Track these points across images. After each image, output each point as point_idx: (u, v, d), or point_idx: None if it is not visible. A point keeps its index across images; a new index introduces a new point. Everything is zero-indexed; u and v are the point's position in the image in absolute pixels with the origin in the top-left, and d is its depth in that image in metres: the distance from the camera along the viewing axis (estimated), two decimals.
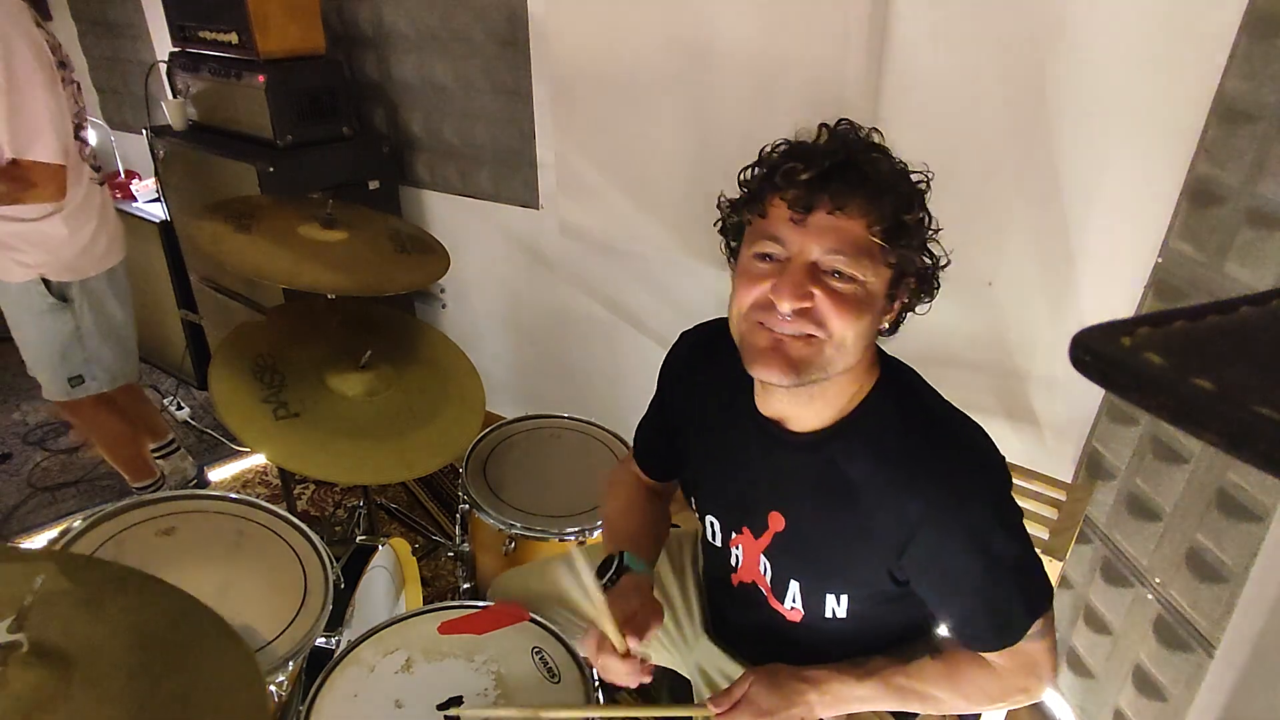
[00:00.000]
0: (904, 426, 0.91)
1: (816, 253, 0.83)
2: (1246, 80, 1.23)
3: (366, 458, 1.52)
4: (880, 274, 0.85)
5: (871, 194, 0.82)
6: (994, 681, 0.94)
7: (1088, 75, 1.42)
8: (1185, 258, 1.36)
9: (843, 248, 0.82)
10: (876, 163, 0.84)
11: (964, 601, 0.92)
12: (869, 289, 0.84)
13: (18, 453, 2.67)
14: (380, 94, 2.57)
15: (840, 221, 0.82)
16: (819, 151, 0.84)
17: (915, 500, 0.87)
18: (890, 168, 0.85)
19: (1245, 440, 0.24)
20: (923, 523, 0.87)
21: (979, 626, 0.92)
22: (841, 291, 0.83)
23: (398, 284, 1.70)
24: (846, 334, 0.84)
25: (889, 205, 0.83)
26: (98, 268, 1.93)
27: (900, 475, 0.88)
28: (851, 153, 0.84)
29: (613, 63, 1.94)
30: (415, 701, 1.07)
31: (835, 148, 0.85)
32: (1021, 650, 0.91)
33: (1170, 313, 0.29)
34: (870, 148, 0.86)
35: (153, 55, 3.10)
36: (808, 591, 0.99)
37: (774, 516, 0.99)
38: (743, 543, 1.05)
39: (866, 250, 0.83)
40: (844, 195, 0.81)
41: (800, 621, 1.02)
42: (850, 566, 0.95)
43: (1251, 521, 1.23)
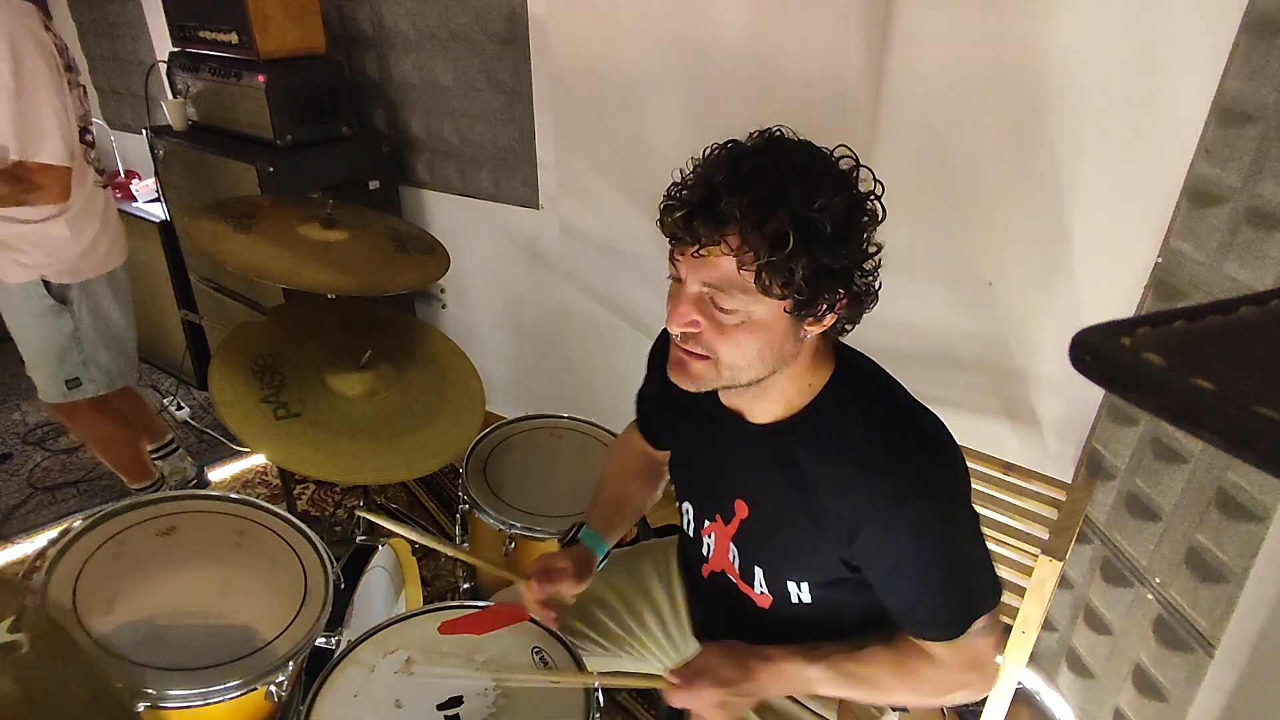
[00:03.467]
0: (857, 418, 0.92)
1: (695, 284, 0.85)
2: (1246, 80, 1.23)
3: (366, 458, 1.52)
4: (766, 302, 0.83)
5: (741, 231, 0.80)
6: (937, 674, 0.96)
7: (1088, 75, 1.43)
8: (1185, 258, 1.36)
9: (716, 281, 0.84)
10: (752, 199, 0.79)
11: (906, 590, 0.93)
12: (756, 317, 0.85)
13: (18, 453, 2.67)
14: (380, 94, 2.57)
15: (710, 259, 0.83)
16: (696, 184, 0.84)
17: (862, 489, 0.89)
18: (766, 202, 0.79)
19: (1245, 440, 0.24)
20: (869, 512, 0.89)
21: (920, 616, 0.94)
22: (723, 321, 0.86)
23: (398, 284, 1.70)
24: (734, 357, 0.87)
25: (760, 243, 0.80)
26: (98, 270, 1.93)
27: (850, 465, 0.90)
28: (717, 190, 0.81)
29: (613, 63, 1.94)
30: (415, 701, 1.07)
31: (707, 180, 0.83)
32: (965, 645, 0.93)
33: (1170, 313, 0.29)
34: (752, 178, 0.81)
35: (153, 55, 3.11)
36: (771, 578, 1.02)
37: (739, 504, 1.03)
38: (715, 531, 1.08)
39: (740, 285, 0.83)
40: (709, 235, 0.82)
41: (770, 607, 1.04)
42: (806, 553, 0.97)
43: (1251, 521, 1.23)
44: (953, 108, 1.57)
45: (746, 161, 0.83)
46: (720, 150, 0.87)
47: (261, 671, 1.14)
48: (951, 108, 1.57)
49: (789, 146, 0.85)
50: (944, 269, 1.70)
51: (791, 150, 0.85)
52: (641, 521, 1.71)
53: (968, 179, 1.60)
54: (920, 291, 1.73)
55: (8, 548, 2.26)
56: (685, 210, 0.83)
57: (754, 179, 0.81)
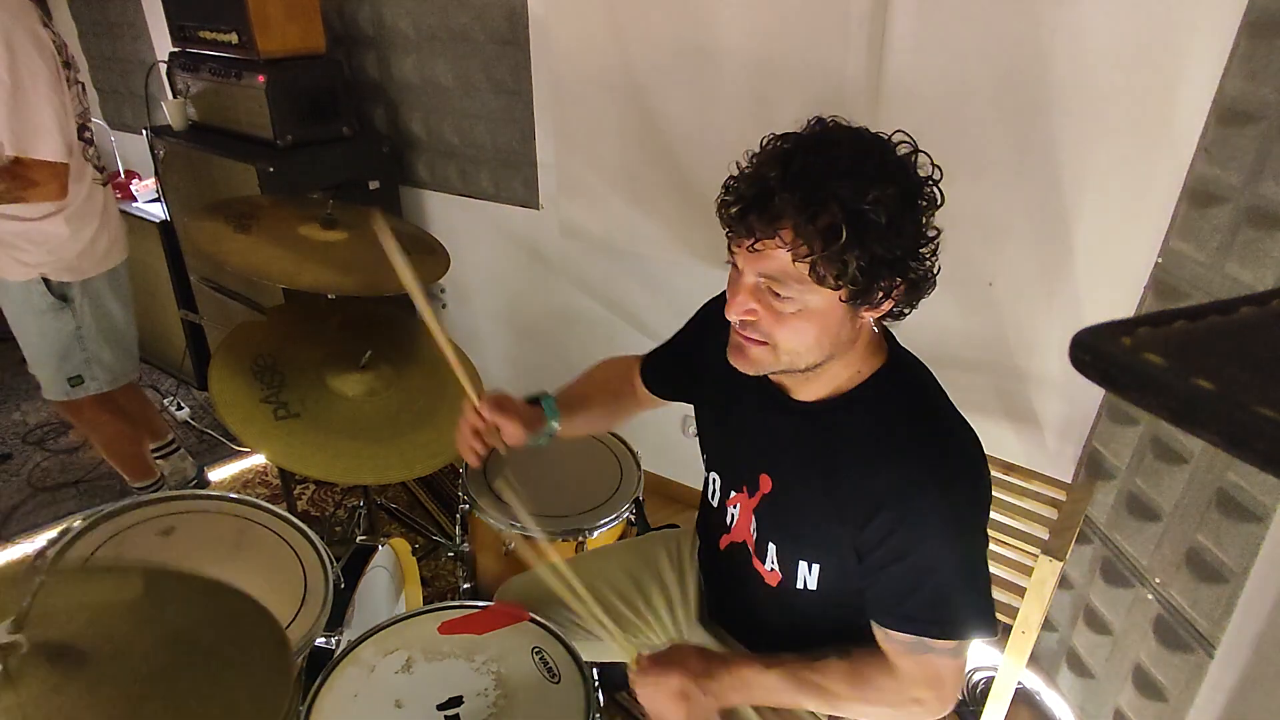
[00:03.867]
0: (896, 411, 0.94)
1: (752, 275, 0.88)
2: (1246, 80, 1.23)
3: (366, 458, 1.52)
4: (822, 292, 0.85)
5: (794, 226, 0.82)
6: (894, 687, 0.96)
7: (1088, 75, 1.43)
8: (1185, 258, 1.36)
9: (772, 273, 0.86)
10: (804, 195, 0.81)
11: (900, 580, 0.92)
12: (811, 306, 0.86)
13: (18, 453, 2.67)
14: (380, 94, 2.57)
15: (766, 251, 0.85)
16: (751, 180, 0.85)
17: (881, 476, 0.90)
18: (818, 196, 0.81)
19: (1245, 440, 0.24)
20: (885, 497, 0.90)
21: (903, 606, 0.93)
22: (780, 310, 0.88)
23: (398, 284, 1.70)
24: (793, 344, 0.89)
25: (814, 237, 0.81)
26: (99, 268, 1.93)
27: (878, 452, 0.92)
28: (769, 186, 0.82)
29: (613, 63, 1.93)
30: (415, 701, 1.07)
31: (760, 176, 0.84)
32: (929, 663, 0.93)
33: (1170, 313, 0.29)
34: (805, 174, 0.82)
35: (153, 55, 3.11)
36: (783, 557, 1.03)
37: (764, 478, 1.03)
38: (740, 501, 1.09)
39: (795, 276, 0.84)
40: (763, 230, 0.83)
41: (777, 586, 1.04)
42: (821, 536, 0.98)
43: (1251, 521, 1.23)
44: (953, 108, 1.57)
45: (798, 156, 0.84)
46: (774, 144, 0.88)
47: None
48: (951, 108, 1.57)
49: (841, 138, 0.86)
50: (944, 269, 1.70)
51: (843, 142, 0.86)
52: (641, 520, 1.71)
53: (968, 179, 1.60)
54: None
55: (8, 548, 2.26)
56: (740, 205, 0.85)
57: (806, 174, 0.82)
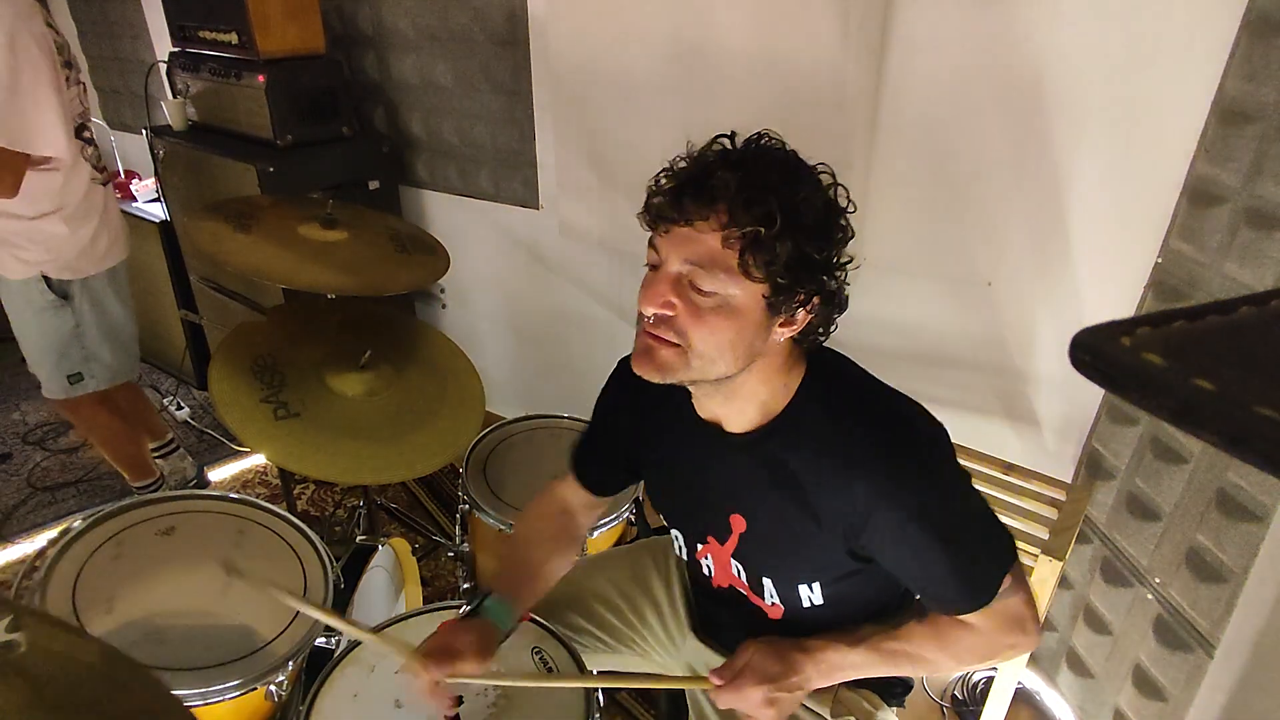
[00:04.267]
0: (834, 415, 0.93)
1: (676, 264, 0.86)
2: (1246, 80, 1.23)
3: (366, 458, 1.52)
4: (747, 288, 0.84)
5: (730, 208, 0.82)
6: (978, 641, 0.95)
7: (1088, 75, 1.43)
8: (1185, 258, 1.36)
9: (698, 259, 0.84)
10: (744, 178, 0.82)
11: (929, 572, 0.93)
12: (733, 303, 0.85)
13: (18, 453, 2.67)
14: (380, 94, 2.57)
15: (695, 234, 0.84)
16: (688, 166, 0.87)
17: (857, 483, 0.89)
18: (757, 181, 0.82)
19: (1245, 440, 0.24)
20: (872, 504, 0.89)
21: (949, 593, 0.93)
22: (698, 304, 0.86)
23: (398, 284, 1.70)
24: (706, 345, 0.87)
25: (746, 220, 0.81)
26: (98, 267, 1.93)
27: (837, 464, 0.91)
28: (710, 167, 0.84)
29: (613, 63, 1.93)
30: (415, 701, 1.06)
31: (701, 161, 0.86)
32: (997, 609, 0.92)
33: (1170, 313, 0.29)
34: (744, 162, 0.84)
35: (153, 55, 3.11)
36: (781, 586, 1.01)
37: (735, 519, 1.02)
38: (710, 552, 1.07)
39: (722, 264, 0.83)
40: (697, 209, 0.83)
41: (782, 618, 1.04)
42: (812, 555, 0.97)
43: (1251, 521, 1.23)
44: (952, 108, 1.57)
45: (737, 151, 0.87)
46: (711, 142, 0.89)
47: (261, 671, 1.14)
48: (951, 108, 1.57)
49: (776, 148, 0.89)
50: (944, 269, 1.70)
51: (778, 151, 0.88)
52: (641, 520, 1.71)
53: (967, 179, 1.60)
54: (920, 291, 1.73)
55: (8, 548, 2.26)
56: (676, 186, 0.85)
57: (744, 162, 0.84)
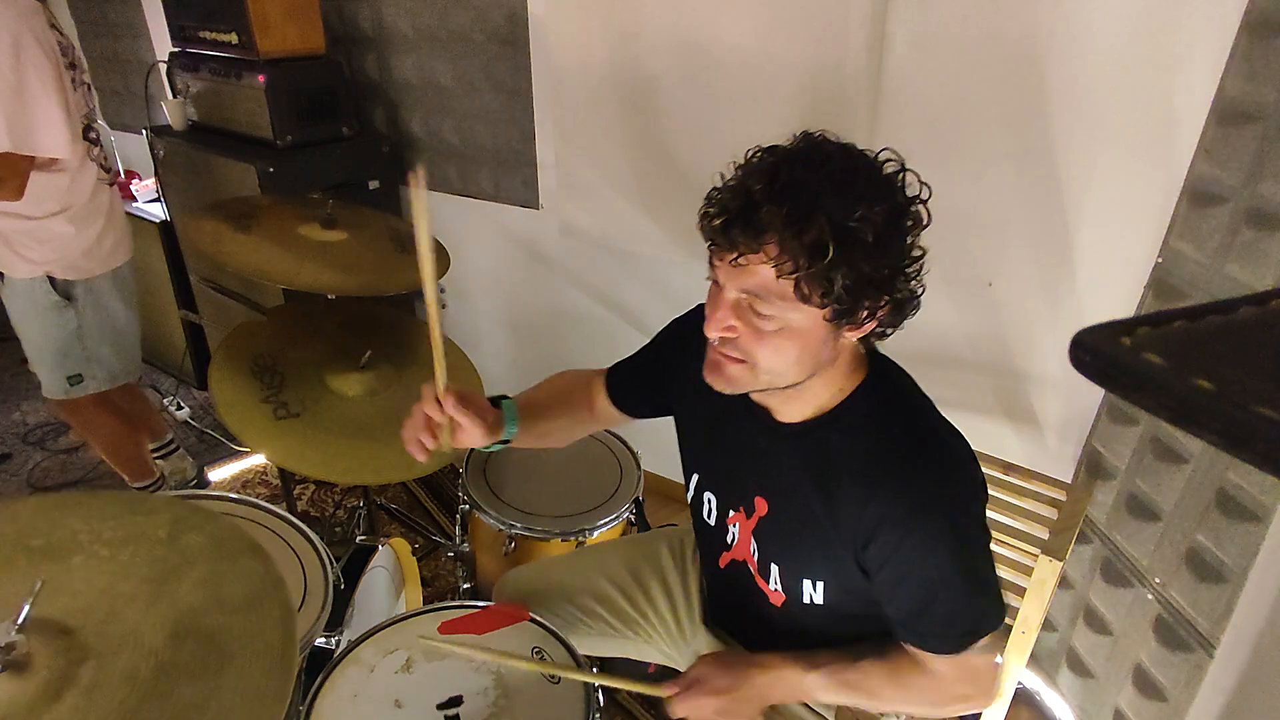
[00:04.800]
0: (879, 428, 0.92)
1: (734, 291, 0.86)
2: (1246, 80, 1.23)
3: (366, 458, 1.52)
4: (805, 310, 0.83)
5: (780, 241, 0.80)
6: (933, 686, 0.96)
7: (1088, 75, 1.42)
8: (1185, 258, 1.36)
9: (754, 289, 0.84)
10: (791, 209, 0.79)
11: (910, 602, 0.93)
12: (794, 324, 0.85)
13: (18, 453, 2.67)
14: (380, 94, 2.57)
15: (749, 266, 0.82)
16: (736, 193, 0.83)
17: (876, 501, 0.89)
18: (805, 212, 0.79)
19: (1245, 440, 0.24)
20: (882, 523, 0.89)
21: (921, 628, 0.94)
22: (761, 327, 0.86)
23: (398, 284, 1.70)
24: (772, 362, 0.87)
25: (799, 253, 0.79)
26: (103, 267, 1.93)
27: (867, 474, 0.90)
28: (755, 199, 0.80)
29: (613, 63, 1.93)
30: (415, 701, 1.07)
31: (745, 186, 0.82)
32: (964, 661, 0.93)
33: (1170, 313, 0.29)
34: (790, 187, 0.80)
35: (153, 55, 3.11)
36: (786, 576, 1.02)
37: (758, 501, 1.02)
38: (739, 521, 1.07)
39: (779, 292, 0.82)
40: (747, 244, 0.81)
41: (781, 605, 1.04)
42: (822, 555, 0.98)
43: (1251, 521, 1.23)
44: (952, 107, 1.57)
45: (785, 169, 0.81)
46: (760, 156, 0.86)
47: None
48: (951, 107, 1.57)
49: (830, 152, 0.84)
50: (944, 269, 1.70)
51: (832, 157, 0.83)
52: (641, 521, 1.71)
53: (968, 179, 1.60)
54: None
55: None
56: (724, 218, 0.83)
57: (792, 187, 0.80)
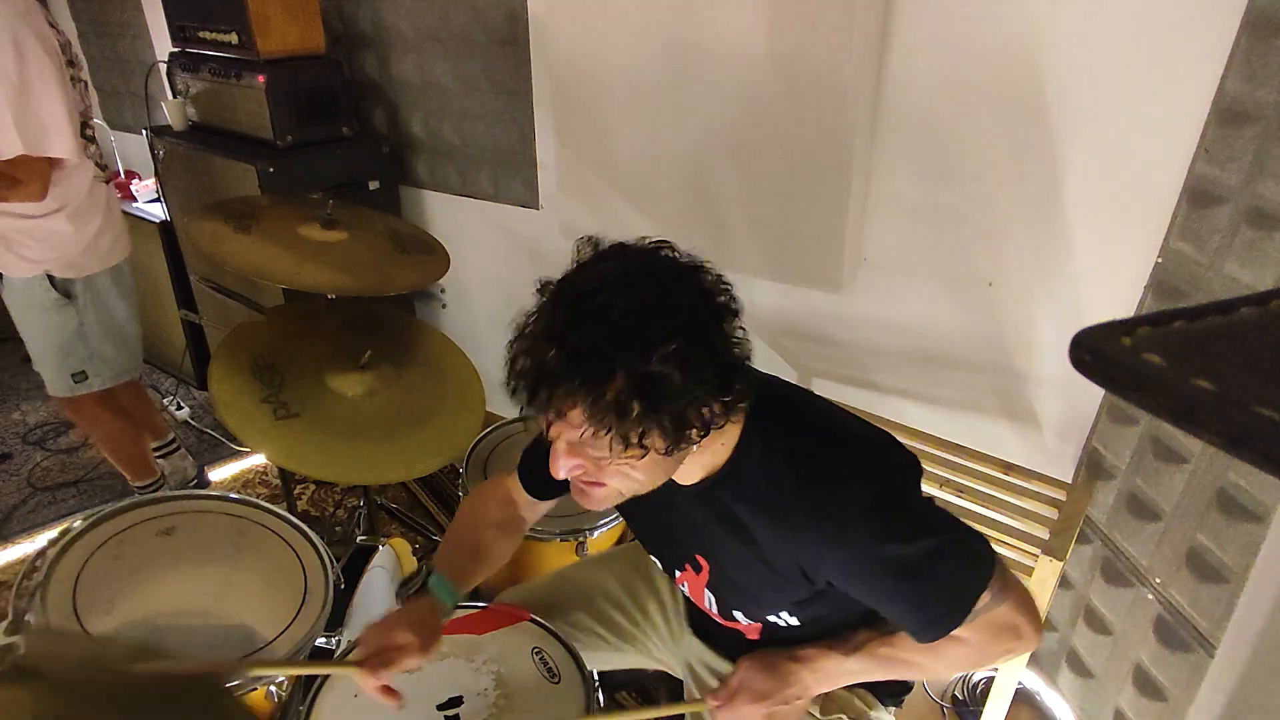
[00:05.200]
0: (771, 471, 0.89)
1: (563, 442, 0.83)
2: (1246, 80, 1.23)
3: (366, 458, 1.52)
4: (633, 447, 0.79)
5: (583, 408, 0.77)
6: (969, 652, 0.94)
7: (1088, 75, 1.42)
8: (1185, 258, 1.36)
9: (581, 441, 0.81)
10: (582, 377, 0.75)
11: (890, 607, 0.92)
12: (633, 459, 0.81)
13: (18, 453, 2.67)
14: (380, 94, 2.57)
15: (565, 425, 0.80)
16: (530, 364, 0.79)
17: (800, 539, 0.88)
18: (599, 379, 0.75)
19: (1245, 440, 0.24)
20: (817, 558, 0.88)
21: (915, 624, 0.92)
22: (600, 463, 0.83)
23: (398, 284, 1.70)
24: (629, 485, 0.86)
25: (605, 413, 0.76)
26: (102, 265, 1.93)
27: (781, 520, 0.89)
28: (547, 370, 0.77)
29: (613, 63, 1.93)
30: (415, 701, 1.06)
31: (538, 359, 0.78)
32: (983, 622, 0.90)
33: (1170, 313, 0.29)
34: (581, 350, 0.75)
35: (153, 55, 3.11)
36: (752, 616, 1.02)
37: (699, 559, 1.02)
38: (687, 580, 1.08)
39: (604, 441, 0.78)
40: (554, 406, 0.78)
41: (760, 636, 1.05)
42: (775, 592, 0.97)
43: (1251, 521, 1.23)
44: (953, 107, 1.57)
45: (576, 328, 0.77)
46: (550, 303, 0.82)
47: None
48: (951, 107, 1.57)
49: (622, 284, 0.78)
50: (944, 269, 1.70)
51: (624, 290, 0.78)
52: None
53: (968, 179, 1.60)
54: (920, 291, 1.73)
55: (8, 548, 2.26)
56: (526, 393, 0.80)
57: (583, 350, 0.75)
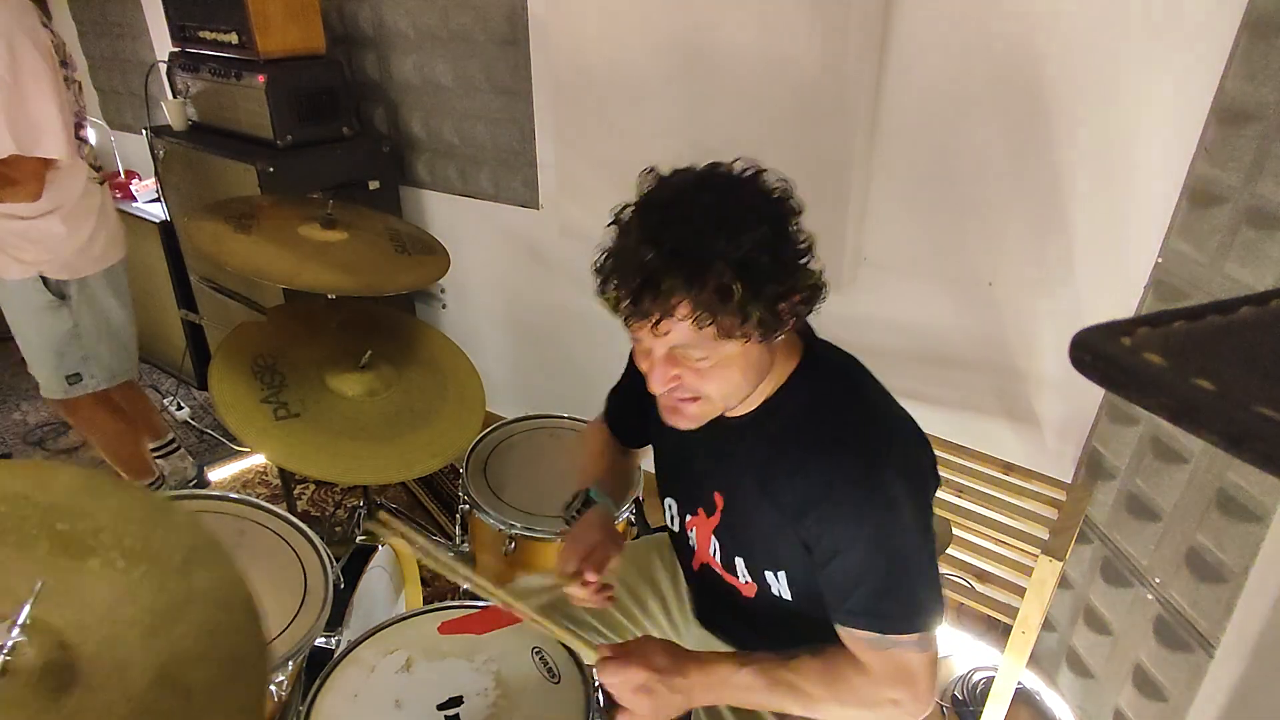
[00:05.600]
0: (813, 405, 0.96)
1: (661, 349, 0.89)
2: (1246, 80, 1.23)
3: (366, 458, 1.52)
4: (735, 338, 0.85)
5: (687, 299, 0.82)
6: (866, 684, 0.95)
7: (1088, 75, 1.43)
8: (1185, 258, 1.36)
9: (681, 341, 0.86)
10: (689, 267, 0.81)
11: (842, 577, 0.93)
12: (728, 354, 0.88)
13: (18, 453, 2.67)
14: (380, 94, 2.57)
15: (665, 327, 0.84)
16: (629, 268, 0.84)
17: (809, 476, 0.92)
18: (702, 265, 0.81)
19: (1245, 440, 0.24)
20: (813, 498, 0.92)
21: (848, 604, 0.93)
22: (700, 367, 0.89)
23: (398, 284, 1.70)
24: (724, 389, 0.91)
25: (709, 302, 0.82)
26: (96, 266, 1.93)
27: (804, 451, 0.94)
28: (649, 268, 0.82)
29: (613, 62, 1.93)
30: (415, 701, 1.07)
31: (637, 260, 0.83)
32: (895, 656, 0.93)
33: (1170, 313, 0.29)
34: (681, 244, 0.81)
35: (153, 55, 3.10)
36: (752, 569, 1.04)
37: (716, 496, 1.05)
38: (697, 525, 1.10)
39: (704, 339, 0.85)
40: (656, 307, 0.83)
41: (755, 596, 1.05)
42: (774, 542, 0.99)
43: (1251, 521, 1.23)
44: (952, 108, 1.57)
45: (668, 230, 0.83)
46: (636, 216, 0.87)
47: None
48: (951, 108, 1.57)
49: (695, 191, 0.86)
50: (944, 269, 1.70)
51: (703, 192, 0.85)
52: (640, 521, 1.71)
53: (967, 179, 1.60)
54: (920, 291, 1.72)
55: None
56: (627, 299, 0.85)
57: (681, 243, 0.82)
